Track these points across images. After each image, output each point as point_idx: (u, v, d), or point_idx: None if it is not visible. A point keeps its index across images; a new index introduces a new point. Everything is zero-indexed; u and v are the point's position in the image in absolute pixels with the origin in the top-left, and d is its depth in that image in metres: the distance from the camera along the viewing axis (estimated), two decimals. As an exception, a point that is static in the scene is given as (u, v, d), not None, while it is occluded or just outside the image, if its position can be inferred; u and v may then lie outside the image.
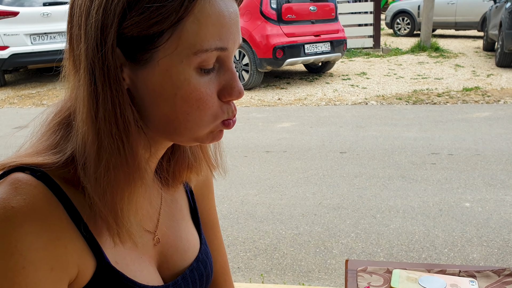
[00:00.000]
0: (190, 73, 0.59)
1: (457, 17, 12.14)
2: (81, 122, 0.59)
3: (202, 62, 0.59)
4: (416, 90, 7.00)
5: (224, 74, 0.62)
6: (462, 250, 2.76)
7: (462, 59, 9.07)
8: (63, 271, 0.60)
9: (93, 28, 0.56)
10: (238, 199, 3.57)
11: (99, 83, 0.57)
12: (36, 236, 0.57)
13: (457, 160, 4.15)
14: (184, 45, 0.57)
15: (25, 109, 7.10)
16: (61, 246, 0.60)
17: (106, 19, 0.56)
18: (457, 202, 3.37)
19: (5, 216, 0.56)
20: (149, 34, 0.56)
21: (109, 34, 0.56)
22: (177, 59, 0.58)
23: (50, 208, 0.59)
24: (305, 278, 2.59)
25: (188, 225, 0.83)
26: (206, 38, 0.57)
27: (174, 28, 0.56)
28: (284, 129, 5.45)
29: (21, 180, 0.59)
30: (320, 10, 7.56)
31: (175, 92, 0.59)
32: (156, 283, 0.73)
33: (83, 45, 0.57)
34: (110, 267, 0.65)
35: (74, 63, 0.60)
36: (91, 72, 0.57)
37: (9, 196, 0.58)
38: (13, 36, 7.46)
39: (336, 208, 3.36)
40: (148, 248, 0.74)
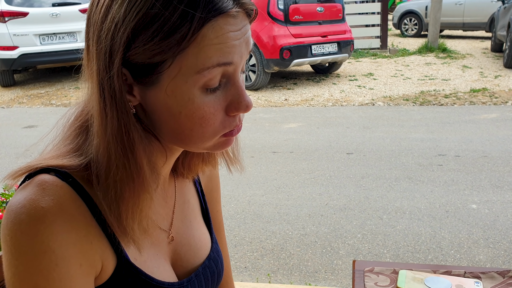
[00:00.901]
0: (194, 93, 0.61)
1: (465, 17, 12.09)
2: (95, 133, 0.63)
3: (207, 81, 0.61)
4: (423, 91, 7.00)
5: (231, 89, 0.64)
6: (468, 252, 2.76)
7: (470, 60, 9.04)
8: (90, 266, 0.64)
9: (102, 52, 0.60)
10: (245, 199, 3.59)
11: (107, 102, 0.60)
12: (66, 234, 0.61)
13: (464, 162, 4.15)
14: (187, 67, 0.59)
15: (34, 109, 7.17)
16: (88, 243, 0.63)
17: (113, 46, 0.59)
18: (464, 203, 3.37)
19: (36, 216, 0.59)
20: (152, 63, 0.59)
21: (115, 60, 0.59)
22: (182, 80, 0.60)
23: (76, 207, 0.63)
24: (312, 278, 2.61)
25: (200, 225, 0.86)
26: (207, 57, 0.59)
27: (176, 56, 0.59)
28: (291, 130, 5.47)
29: (47, 181, 0.62)
30: (327, 11, 7.56)
31: (180, 111, 0.62)
32: (172, 280, 0.76)
33: (95, 64, 0.61)
34: (130, 264, 0.68)
35: (90, 75, 0.63)
36: (102, 90, 0.60)
37: (38, 197, 0.60)
38: (23, 37, 7.53)
39: (342, 209, 3.38)
40: (163, 245, 0.77)
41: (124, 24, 0.58)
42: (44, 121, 6.34)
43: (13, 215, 0.60)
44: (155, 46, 0.57)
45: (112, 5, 0.59)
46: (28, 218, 0.59)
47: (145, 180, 0.64)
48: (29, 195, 0.61)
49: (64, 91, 7.93)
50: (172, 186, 0.81)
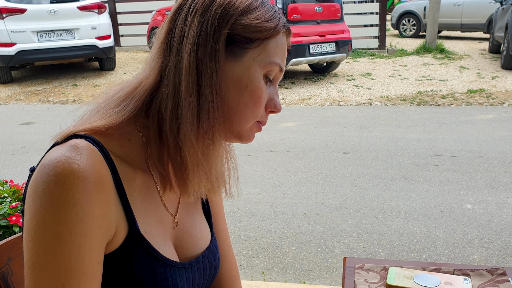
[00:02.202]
0: (261, 75, 0.75)
1: (463, 18, 12.11)
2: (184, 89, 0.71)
3: (269, 71, 0.76)
4: (420, 91, 7.01)
5: (273, 90, 0.79)
6: (462, 252, 2.78)
7: (467, 61, 9.06)
8: (106, 230, 0.68)
9: (211, 18, 0.72)
10: (241, 198, 3.60)
11: (205, 60, 0.71)
12: (94, 193, 0.65)
13: (460, 162, 4.16)
14: (265, 54, 0.75)
15: (31, 106, 7.16)
16: (108, 207, 0.68)
17: (225, 15, 0.72)
18: (459, 203, 3.38)
19: (72, 170, 0.64)
20: (249, 37, 0.73)
21: (226, 26, 0.72)
22: (258, 62, 0.75)
23: (104, 171, 0.68)
24: (306, 276, 2.62)
25: (202, 217, 0.91)
26: (277, 55, 0.76)
27: (263, 41, 0.74)
28: (287, 129, 5.48)
29: (80, 144, 0.67)
30: (326, 11, 7.57)
31: (247, 85, 0.74)
32: (175, 260, 0.79)
33: (196, 29, 0.72)
34: (140, 235, 0.72)
35: (169, 45, 0.73)
36: (198, 50, 0.71)
37: (73, 154, 0.65)
38: (20, 33, 7.51)
39: (338, 208, 3.39)
40: (169, 228, 0.81)
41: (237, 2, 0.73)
42: (41, 118, 6.33)
43: (48, 168, 0.64)
44: (258, 24, 0.73)
45: None
46: (64, 171, 0.63)
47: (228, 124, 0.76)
48: (64, 153, 0.65)
49: (62, 88, 7.93)
50: None
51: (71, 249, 0.62)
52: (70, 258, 0.62)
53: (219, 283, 0.97)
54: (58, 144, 0.69)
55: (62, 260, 0.62)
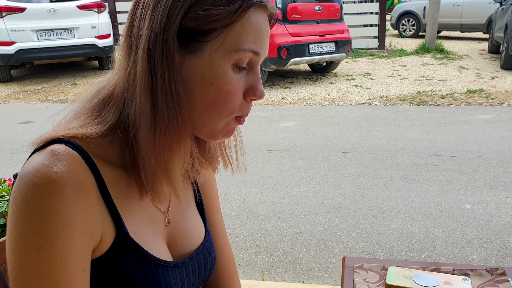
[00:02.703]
0: (227, 67, 0.68)
1: (463, 19, 12.11)
2: (138, 94, 0.67)
3: (239, 59, 0.68)
4: (420, 91, 7.01)
5: (252, 76, 0.72)
6: (461, 251, 2.78)
7: (467, 61, 9.06)
8: (91, 236, 0.66)
9: (160, 14, 0.66)
10: (240, 197, 3.60)
11: (157, 61, 0.66)
12: (75, 200, 0.63)
13: (459, 162, 4.16)
14: (229, 43, 0.67)
15: (30, 105, 7.15)
16: (92, 213, 0.66)
17: (174, 9, 0.65)
18: (458, 203, 3.39)
19: (49, 180, 0.62)
20: (204, 29, 0.66)
21: (174, 21, 0.65)
22: (221, 53, 0.67)
23: (85, 176, 0.66)
24: (305, 276, 2.62)
25: (194, 212, 0.88)
26: (246, 40, 0.68)
27: (224, 28, 0.66)
28: (287, 128, 5.47)
29: (59, 149, 0.65)
30: (326, 10, 7.57)
31: (211, 81, 0.68)
32: (167, 259, 0.78)
33: (147, 27, 0.66)
34: (128, 237, 0.71)
35: (130, 44, 0.69)
36: (150, 51, 0.66)
37: (51, 162, 0.63)
38: (20, 32, 7.50)
39: (337, 208, 3.39)
40: (160, 226, 0.79)
41: None
42: (41, 117, 6.32)
43: (25, 178, 0.62)
44: (212, 13, 0.65)
45: None
46: (41, 181, 0.61)
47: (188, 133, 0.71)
48: (42, 161, 0.63)
49: (61, 87, 7.92)
50: None
51: (53, 260, 0.61)
52: (53, 269, 0.61)
53: (217, 278, 0.95)
54: (38, 151, 0.67)
55: (45, 272, 0.61)
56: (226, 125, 0.73)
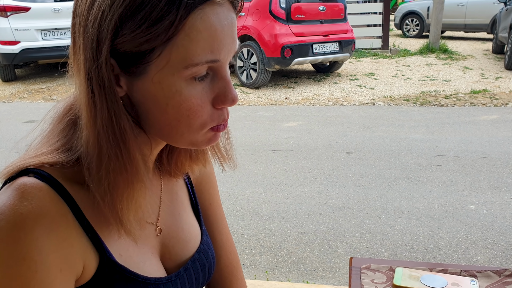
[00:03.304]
0: (181, 85, 0.60)
1: (467, 19, 12.09)
2: (84, 125, 0.62)
3: (193, 73, 0.60)
4: (423, 91, 7.00)
5: (218, 82, 0.64)
6: (466, 252, 2.77)
7: (471, 62, 9.04)
8: (71, 271, 0.62)
9: (89, 40, 0.59)
10: (244, 197, 3.60)
11: (96, 92, 0.59)
12: (46, 239, 0.59)
13: (463, 163, 4.16)
14: (175, 60, 0.59)
15: (34, 104, 7.18)
16: (69, 246, 0.62)
17: (100, 34, 0.58)
18: (462, 204, 3.38)
19: (15, 223, 0.58)
20: (141, 51, 0.58)
21: (103, 48, 0.58)
22: (169, 72, 0.59)
23: (57, 209, 0.61)
24: (309, 276, 2.62)
25: (189, 217, 0.84)
26: (196, 52, 0.59)
27: (165, 45, 0.58)
28: (290, 128, 5.48)
29: (26, 184, 0.61)
30: (329, 10, 7.56)
31: (166, 102, 0.61)
32: (159, 275, 0.74)
33: (82, 55, 0.60)
34: (112, 262, 0.67)
35: (77, 67, 0.62)
36: (89, 81, 0.59)
37: (16, 202, 0.59)
38: (24, 31, 7.53)
39: (341, 208, 3.39)
40: (150, 239, 0.75)
41: (111, 11, 0.57)
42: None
43: None
44: (143, 33, 0.57)
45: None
46: (8, 225, 0.58)
47: (139, 169, 0.63)
48: (8, 201, 0.59)
49: (65, 87, 7.94)
50: (157, 178, 0.80)
51: None
52: None
53: (219, 275, 0.92)
54: (8, 182, 0.63)
55: None
56: (204, 136, 0.66)
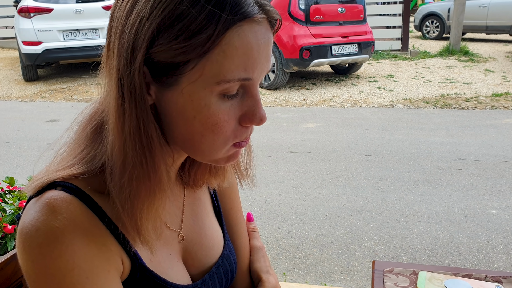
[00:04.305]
0: (211, 100, 0.60)
1: (489, 20, 11.89)
2: (110, 130, 0.62)
3: (224, 90, 0.60)
4: (443, 94, 6.92)
5: (247, 100, 0.63)
6: (487, 258, 2.73)
7: (492, 64, 8.90)
8: (117, 270, 0.65)
9: (125, 46, 0.59)
10: (262, 198, 3.61)
11: (126, 99, 0.59)
12: (87, 247, 0.61)
13: (484, 167, 4.10)
14: (208, 74, 0.58)
15: (56, 103, 7.30)
16: (108, 250, 0.63)
17: (136, 41, 0.58)
18: (483, 209, 3.33)
19: (55, 238, 0.59)
20: (175, 62, 0.58)
21: (138, 55, 0.58)
22: (200, 86, 0.59)
23: (88, 220, 0.62)
24: (327, 278, 2.61)
25: (212, 222, 0.85)
26: (230, 69, 0.58)
27: (199, 58, 0.58)
28: (308, 130, 5.46)
29: (56, 199, 0.61)
30: (349, 12, 7.53)
31: (194, 115, 0.61)
32: (185, 281, 0.75)
33: (116, 60, 0.60)
34: (144, 268, 0.68)
35: (109, 71, 0.62)
36: (120, 86, 0.60)
37: (50, 217, 0.60)
38: (47, 32, 7.66)
39: (360, 211, 3.37)
40: (174, 245, 0.76)
41: (149, 20, 0.57)
42: (66, 115, 6.44)
43: (29, 240, 0.59)
44: (180, 45, 0.56)
45: (138, 1, 0.59)
46: (47, 241, 0.58)
47: (162, 179, 0.63)
48: (41, 216, 0.60)
49: (86, 87, 8.05)
50: (180, 185, 0.80)
51: None
52: None
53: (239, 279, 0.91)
54: (33, 197, 0.64)
55: None
56: (225, 152, 0.66)
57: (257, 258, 0.91)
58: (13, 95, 7.79)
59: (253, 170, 0.81)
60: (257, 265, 0.90)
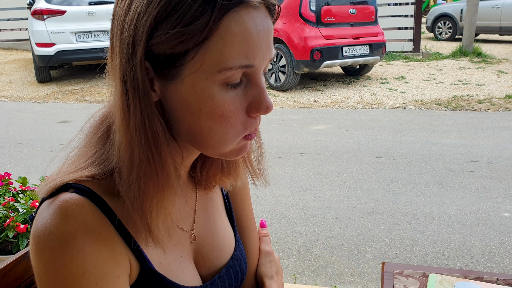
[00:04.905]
0: (214, 89, 0.60)
1: (502, 21, 11.77)
2: (117, 129, 0.62)
3: (226, 78, 0.60)
4: (456, 95, 6.86)
5: (252, 89, 0.63)
6: (499, 261, 2.70)
7: (506, 65, 8.80)
8: (125, 273, 0.65)
9: (126, 42, 0.59)
10: (272, 200, 3.61)
11: (130, 95, 0.60)
12: (98, 252, 0.61)
13: (497, 169, 4.05)
14: (208, 63, 0.58)
15: (68, 104, 7.37)
16: (118, 254, 0.64)
17: (136, 36, 0.58)
18: (496, 211, 3.29)
19: (66, 242, 0.59)
20: (175, 53, 0.58)
21: (138, 49, 0.58)
22: (202, 76, 0.59)
23: (100, 223, 0.63)
24: (338, 280, 2.60)
25: (224, 223, 0.85)
26: (230, 56, 0.58)
27: (199, 47, 0.58)
28: (319, 131, 5.45)
29: (68, 201, 0.62)
30: (360, 13, 7.50)
31: (199, 107, 0.61)
32: (195, 282, 0.75)
33: (118, 57, 0.61)
34: (153, 271, 0.68)
35: (113, 70, 0.63)
36: (124, 84, 0.60)
37: (62, 220, 0.60)
38: (60, 34, 7.75)
39: (370, 213, 3.35)
40: (185, 246, 0.76)
41: (147, 13, 0.57)
42: (78, 116, 6.50)
43: (42, 243, 0.60)
44: (177, 34, 0.56)
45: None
46: (59, 245, 0.59)
47: (170, 174, 0.63)
48: (53, 220, 0.61)
49: (98, 88, 8.12)
50: (192, 187, 0.80)
51: None
52: None
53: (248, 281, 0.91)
54: (46, 199, 0.64)
55: None
56: (235, 145, 0.66)
57: (264, 263, 0.92)
58: (26, 96, 7.88)
59: (265, 168, 0.80)
60: (262, 269, 0.91)
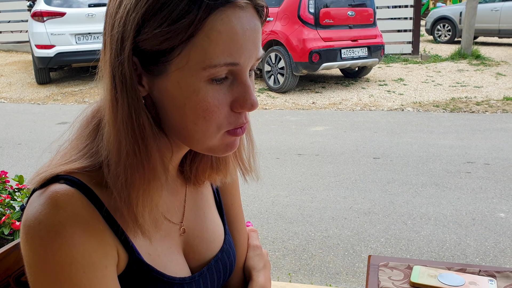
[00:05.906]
0: (199, 85, 0.62)
1: (501, 24, 11.80)
2: (106, 122, 0.64)
3: (211, 75, 0.61)
4: (454, 98, 6.88)
5: (238, 86, 0.64)
6: (494, 260, 2.72)
7: (504, 68, 8.83)
8: (113, 263, 0.66)
9: (115, 38, 0.62)
10: (269, 200, 3.62)
11: (118, 89, 0.62)
12: (86, 242, 0.62)
13: (493, 170, 4.07)
14: (194, 60, 0.60)
15: (68, 106, 7.39)
16: (107, 245, 0.65)
17: (124, 32, 0.61)
18: (491, 212, 3.31)
19: (56, 231, 0.61)
20: (161, 49, 0.60)
21: (126, 45, 0.60)
22: (188, 72, 0.61)
23: (89, 213, 0.64)
24: (333, 279, 2.62)
25: (214, 216, 0.86)
26: (215, 54, 0.60)
27: (184, 44, 0.59)
28: (317, 133, 5.47)
29: (58, 192, 0.63)
30: (359, 15, 7.53)
31: (184, 102, 0.63)
32: (184, 273, 0.77)
33: (108, 52, 0.63)
34: (141, 261, 0.69)
35: (104, 66, 0.65)
36: (113, 78, 0.63)
37: (52, 210, 0.62)
38: (59, 36, 7.77)
39: (366, 213, 3.37)
40: (175, 238, 0.77)
41: (135, 10, 0.60)
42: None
43: (31, 232, 0.61)
44: (164, 31, 0.58)
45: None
46: (48, 234, 0.60)
47: (156, 167, 0.65)
48: (43, 210, 0.62)
49: (97, 90, 8.09)
50: (181, 180, 0.82)
51: None
52: None
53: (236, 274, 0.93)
54: (37, 190, 0.66)
55: None
56: (221, 141, 0.67)
57: (252, 256, 0.93)
58: (26, 98, 7.91)
59: (256, 164, 0.81)
60: (250, 262, 0.92)
